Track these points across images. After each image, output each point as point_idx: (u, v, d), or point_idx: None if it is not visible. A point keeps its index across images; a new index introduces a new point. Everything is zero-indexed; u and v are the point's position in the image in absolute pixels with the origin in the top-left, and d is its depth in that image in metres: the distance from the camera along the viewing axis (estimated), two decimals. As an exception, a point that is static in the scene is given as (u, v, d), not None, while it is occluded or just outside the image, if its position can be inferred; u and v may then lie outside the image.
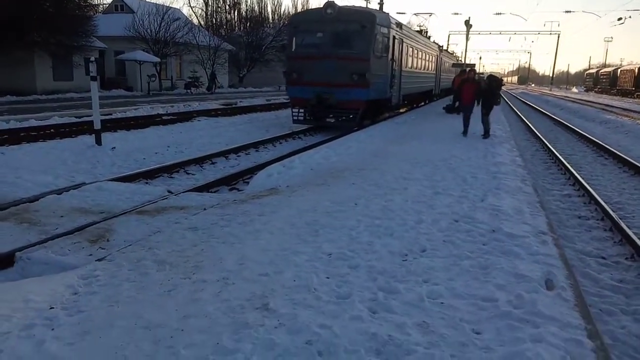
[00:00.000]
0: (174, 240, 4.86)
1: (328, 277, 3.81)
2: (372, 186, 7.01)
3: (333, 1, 14.25)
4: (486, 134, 13.00)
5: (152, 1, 39.31)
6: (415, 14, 36.19)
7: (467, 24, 43.21)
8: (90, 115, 16.86)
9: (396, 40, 16.42)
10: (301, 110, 15.11)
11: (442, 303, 3.44)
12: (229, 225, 5.33)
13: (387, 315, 3.21)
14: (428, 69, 25.12)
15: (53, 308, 3.31)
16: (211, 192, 8.05)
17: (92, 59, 10.75)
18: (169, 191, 7.52)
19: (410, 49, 19.59)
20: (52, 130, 13.91)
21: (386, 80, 15.73)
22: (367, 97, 14.17)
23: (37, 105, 21.64)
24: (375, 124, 15.78)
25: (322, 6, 14.56)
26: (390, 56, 15.77)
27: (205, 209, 6.17)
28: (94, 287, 3.70)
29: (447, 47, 47.39)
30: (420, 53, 21.96)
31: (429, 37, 28.25)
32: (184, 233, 5.10)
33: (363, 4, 33.94)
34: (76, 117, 16.66)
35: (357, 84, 13.84)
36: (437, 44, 29.71)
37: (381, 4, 29.92)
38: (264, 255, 4.29)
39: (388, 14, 16.58)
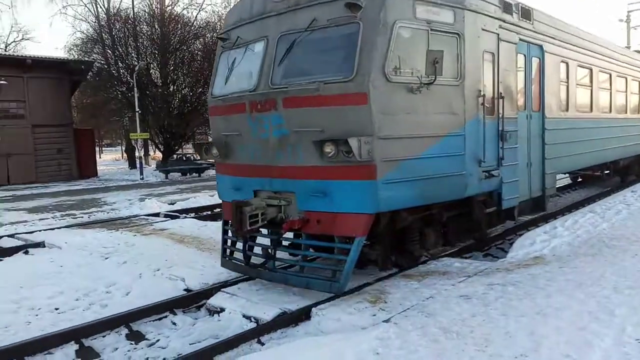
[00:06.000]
0: (450, 308, 4.93)
1: (649, 369, 3.35)
2: (666, 259, 6.01)
3: None
4: None
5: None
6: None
7: None
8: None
9: (519, 47, 7.31)
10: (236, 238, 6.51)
11: None
12: (502, 296, 5.18)
13: None
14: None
15: (367, 366, 3.65)
16: (464, 257, 8.00)
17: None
18: (426, 255, 7.74)
19: (575, 70, 9.56)
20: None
21: (459, 148, 6.05)
22: (373, 206, 5.37)
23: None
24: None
25: None
26: (476, 83, 6.19)
27: (469, 277, 6.15)
28: (392, 350, 3.97)
29: None
30: (612, 79, 11.64)
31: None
32: (458, 301, 5.14)
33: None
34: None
35: (341, 169, 5.36)
36: None
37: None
38: (558, 334, 4.01)
39: None
